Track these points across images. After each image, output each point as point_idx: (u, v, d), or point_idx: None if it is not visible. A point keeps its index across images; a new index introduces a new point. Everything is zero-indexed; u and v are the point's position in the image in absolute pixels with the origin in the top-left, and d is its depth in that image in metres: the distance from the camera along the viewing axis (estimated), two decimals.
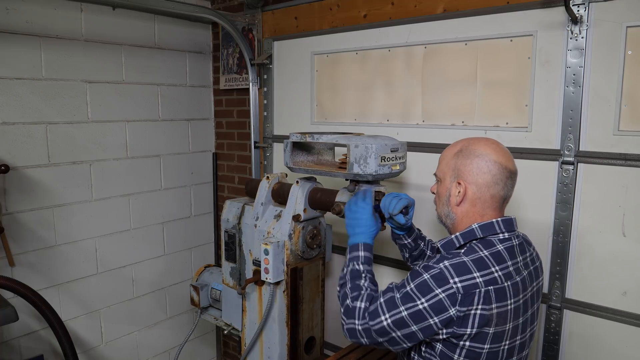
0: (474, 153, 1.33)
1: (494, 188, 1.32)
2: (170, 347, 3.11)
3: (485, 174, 1.31)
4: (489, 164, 1.31)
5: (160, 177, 2.95)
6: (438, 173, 1.44)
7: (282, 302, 1.96)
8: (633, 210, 1.69)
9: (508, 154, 1.36)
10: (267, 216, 2.04)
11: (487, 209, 1.34)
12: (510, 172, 1.33)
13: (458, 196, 1.35)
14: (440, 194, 1.42)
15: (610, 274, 1.75)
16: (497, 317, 1.23)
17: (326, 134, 1.84)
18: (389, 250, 2.35)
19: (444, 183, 1.40)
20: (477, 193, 1.33)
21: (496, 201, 1.34)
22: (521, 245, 1.36)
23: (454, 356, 1.27)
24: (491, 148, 1.33)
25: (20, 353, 2.41)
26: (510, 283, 1.26)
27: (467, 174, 1.33)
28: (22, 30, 2.27)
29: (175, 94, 2.97)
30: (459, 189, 1.34)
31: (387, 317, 1.27)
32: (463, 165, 1.34)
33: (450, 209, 1.38)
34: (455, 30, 2.02)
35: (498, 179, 1.31)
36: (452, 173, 1.36)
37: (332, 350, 2.51)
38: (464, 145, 1.37)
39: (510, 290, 1.26)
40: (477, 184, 1.32)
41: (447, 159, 1.40)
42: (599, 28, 1.69)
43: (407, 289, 1.26)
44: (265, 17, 2.74)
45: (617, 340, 1.75)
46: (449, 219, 1.40)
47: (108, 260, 2.73)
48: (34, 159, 2.36)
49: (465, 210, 1.35)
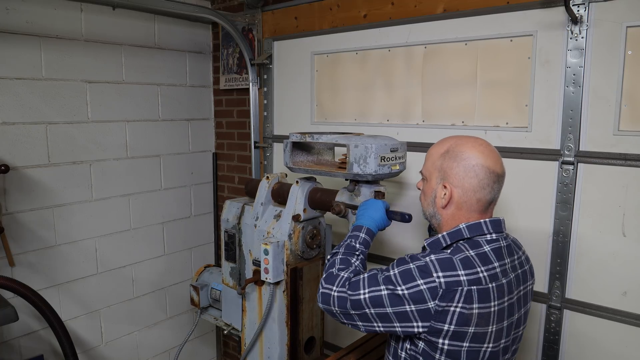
0: (460, 156, 1.30)
1: (480, 192, 1.29)
2: (170, 347, 3.11)
3: (472, 178, 1.29)
4: (476, 168, 1.28)
5: (160, 177, 2.95)
6: (424, 171, 1.42)
7: (282, 302, 1.96)
8: (633, 210, 1.69)
9: (496, 155, 1.33)
10: (267, 216, 2.04)
11: (472, 212, 1.32)
12: (497, 176, 1.30)
13: (444, 199, 1.33)
14: (426, 193, 1.40)
15: (610, 274, 1.75)
16: (478, 317, 1.22)
17: (326, 134, 1.84)
18: (389, 250, 2.35)
19: (430, 183, 1.38)
20: (463, 197, 1.31)
21: (482, 205, 1.31)
22: (509, 247, 1.34)
23: (435, 355, 1.26)
24: (478, 150, 1.30)
25: (20, 353, 2.41)
26: (495, 284, 1.24)
27: (454, 177, 1.31)
28: (22, 30, 2.27)
29: (175, 94, 2.98)
30: (445, 192, 1.32)
31: (366, 292, 1.29)
32: (449, 167, 1.31)
33: (436, 210, 1.36)
34: (455, 30, 2.02)
35: (485, 184, 1.29)
36: (438, 174, 1.34)
37: (332, 350, 2.51)
38: (451, 145, 1.34)
39: (495, 291, 1.24)
40: (463, 187, 1.30)
41: (434, 158, 1.37)
42: (599, 28, 1.69)
43: (390, 273, 1.28)
44: (265, 17, 2.74)
45: (617, 340, 1.75)
46: (435, 220, 1.39)
47: (108, 260, 2.73)
48: (34, 159, 2.37)
49: (451, 213, 1.34)
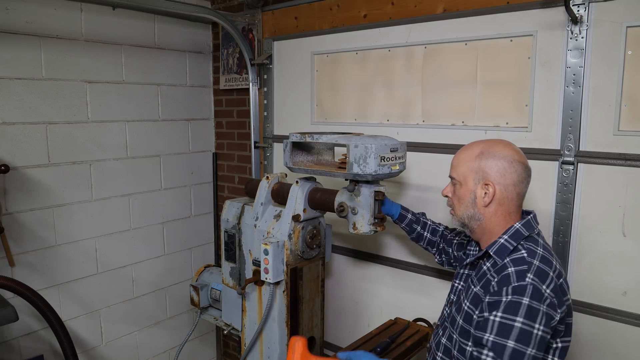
0: (497, 155, 1.39)
1: (519, 186, 1.39)
2: (170, 347, 3.11)
3: (512, 173, 1.38)
4: (514, 164, 1.38)
5: (160, 177, 2.95)
6: (457, 176, 1.47)
7: (282, 302, 1.96)
8: (633, 210, 1.69)
9: (522, 153, 1.44)
10: (267, 216, 2.04)
11: (512, 206, 1.41)
12: (530, 170, 1.42)
13: (486, 197, 1.40)
14: (461, 197, 1.45)
15: (610, 273, 1.75)
16: (568, 306, 1.32)
17: (326, 134, 1.84)
18: (389, 250, 2.35)
19: (466, 185, 1.43)
20: (504, 192, 1.39)
21: (521, 198, 1.42)
22: None
23: (548, 357, 1.34)
24: (511, 148, 1.42)
25: (20, 353, 2.41)
26: (563, 270, 1.36)
27: (495, 175, 1.38)
28: (22, 30, 2.27)
29: (175, 94, 2.97)
30: (486, 190, 1.40)
31: None
32: (489, 167, 1.39)
33: (477, 210, 1.42)
34: (455, 30, 2.02)
35: (522, 177, 1.39)
36: (476, 175, 1.41)
37: (332, 350, 2.51)
38: (483, 147, 1.42)
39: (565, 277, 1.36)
40: (504, 183, 1.38)
41: (467, 162, 1.43)
42: (599, 28, 1.69)
43: (517, 326, 1.20)
44: (265, 17, 2.74)
45: (617, 340, 1.75)
46: (475, 220, 1.44)
47: (108, 260, 2.73)
48: (34, 159, 2.36)
49: (494, 210, 1.41)
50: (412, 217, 1.89)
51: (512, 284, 1.26)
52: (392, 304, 2.35)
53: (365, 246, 2.44)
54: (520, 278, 1.26)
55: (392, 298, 2.36)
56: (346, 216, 1.79)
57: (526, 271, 1.27)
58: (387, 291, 2.38)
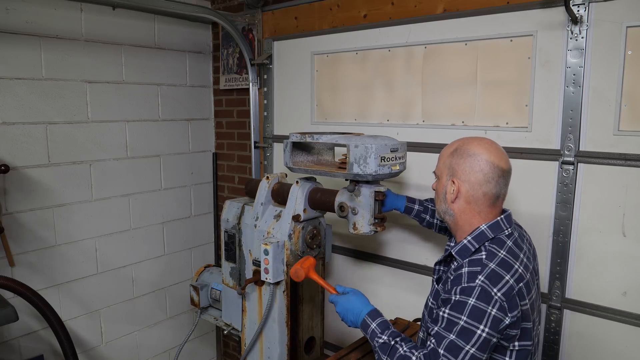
0: (467, 152, 1.40)
1: (485, 186, 1.38)
2: (170, 347, 3.11)
3: (477, 172, 1.38)
4: (481, 163, 1.37)
5: (160, 177, 2.95)
6: (436, 171, 1.52)
7: (282, 302, 1.96)
8: (633, 210, 1.69)
9: (502, 152, 1.41)
10: (267, 216, 2.04)
11: (481, 205, 1.40)
12: (503, 171, 1.39)
13: (452, 193, 1.42)
14: (438, 191, 1.51)
15: (610, 274, 1.75)
16: (531, 308, 1.33)
17: (326, 134, 1.84)
18: (389, 250, 2.35)
19: (441, 181, 1.48)
20: (470, 191, 1.39)
21: (489, 199, 1.40)
22: (520, 236, 1.45)
23: (505, 358, 1.34)
24: (484, 147, 1.39)
25: (20, 353, 2.41)
26: (527, 274, 1.34)
27: (461, 173, 1.40)
28: (22, 30, 2.27)
29: (175, 94, 2.97)
30: (453, 187, 1.42)
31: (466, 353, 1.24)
32: (457, 164, 1.41)
33: (448, 206, 1.45)
34: (455, 30, 2.02)
35: (490, 177, 1.37)
36: (448, 171, 1.44)
37: (332, 350, 2.51)
38: (459, 144, 1.44)
39: (531, 280, 1.35)
40: (469, 182, 1.39)
41: (444, 158, 1.48)
42: (599, 28, 1.69)
43: (460, 323, 1.25)
44: (265, 17, 2.74)
45: (617, 340, 1.75)
46: (448, 215, 1.47)
47: (108, 260, 2.73)
48: (34, 159, 2.36)
49: (462, 207, 1.42)
50: (419, 207, 1.89)
51: (462, 284, 1.29)
52: (392, 304, 2.34)
53: (366, 246, 2.44)
54: (470, 279, 1.28)
55: (392, 298, 2.36)
56: (346, 216, 1.80)
57: (478, 273, 1.28)
58: (387, 291, 2.38)
